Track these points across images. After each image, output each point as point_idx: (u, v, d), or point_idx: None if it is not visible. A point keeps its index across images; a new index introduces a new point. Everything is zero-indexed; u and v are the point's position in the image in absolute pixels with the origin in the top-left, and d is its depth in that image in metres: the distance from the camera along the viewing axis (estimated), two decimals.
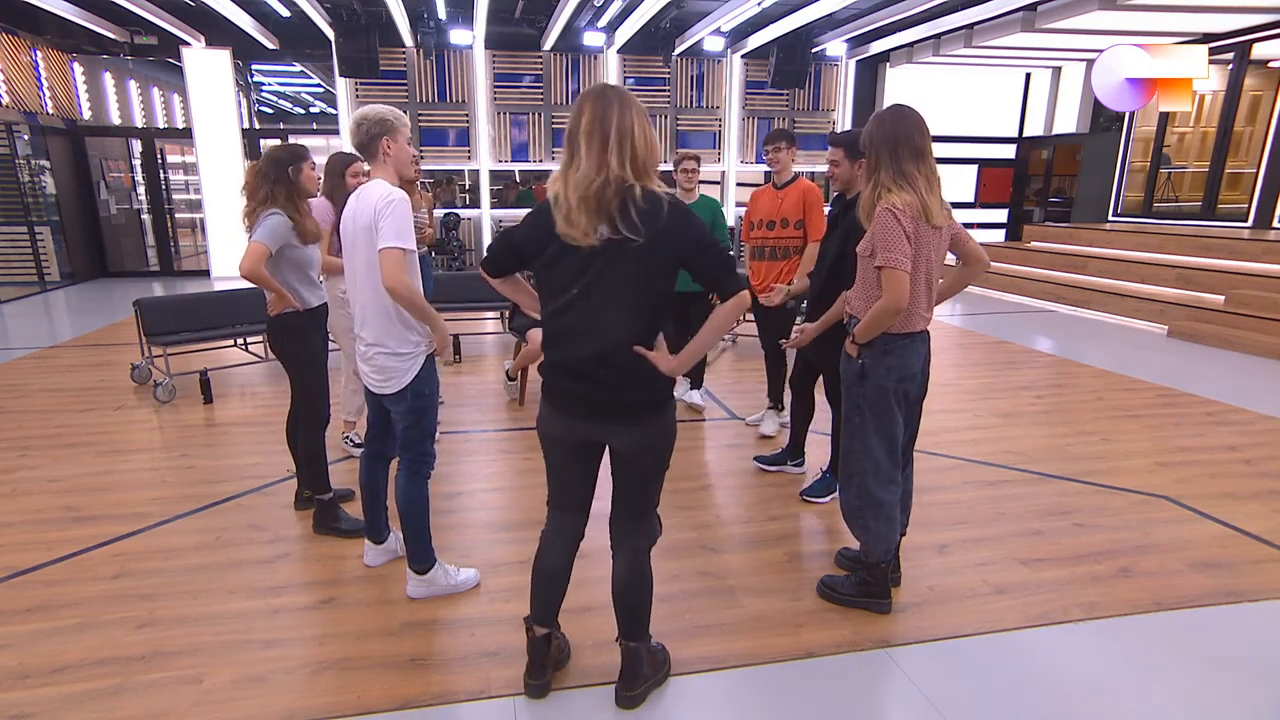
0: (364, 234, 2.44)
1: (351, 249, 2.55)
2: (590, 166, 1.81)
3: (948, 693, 2.24)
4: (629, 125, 1.82)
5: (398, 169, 2.56)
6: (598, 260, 1.85)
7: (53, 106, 10.20)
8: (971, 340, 7.31)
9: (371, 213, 2.40)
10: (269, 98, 18.02)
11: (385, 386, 2.57)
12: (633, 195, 1.81)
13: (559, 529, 2.18)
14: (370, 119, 2.50)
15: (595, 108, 1.83)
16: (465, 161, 11.47)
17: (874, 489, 2.55)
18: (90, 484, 3.76)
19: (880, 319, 2.40)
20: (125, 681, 2.27)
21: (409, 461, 2.64)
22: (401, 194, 2.44)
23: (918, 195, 2.37)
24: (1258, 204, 9.39)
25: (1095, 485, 3.78)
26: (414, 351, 2.56)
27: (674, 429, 2.06)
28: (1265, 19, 8.86)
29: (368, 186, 2.49)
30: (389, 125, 2.51)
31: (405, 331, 2.53)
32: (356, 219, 2.49)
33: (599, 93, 1.86)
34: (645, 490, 2.10)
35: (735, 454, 4.25)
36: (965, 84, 12.37)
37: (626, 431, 1.99)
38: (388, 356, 2.53)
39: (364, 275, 2.50)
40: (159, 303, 5.42)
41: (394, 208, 2.37)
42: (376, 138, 2.50)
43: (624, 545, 2.13)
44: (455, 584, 2.76)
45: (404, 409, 2.59)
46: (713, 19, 9.63)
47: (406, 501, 2.65)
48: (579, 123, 1.84)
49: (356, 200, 2.52)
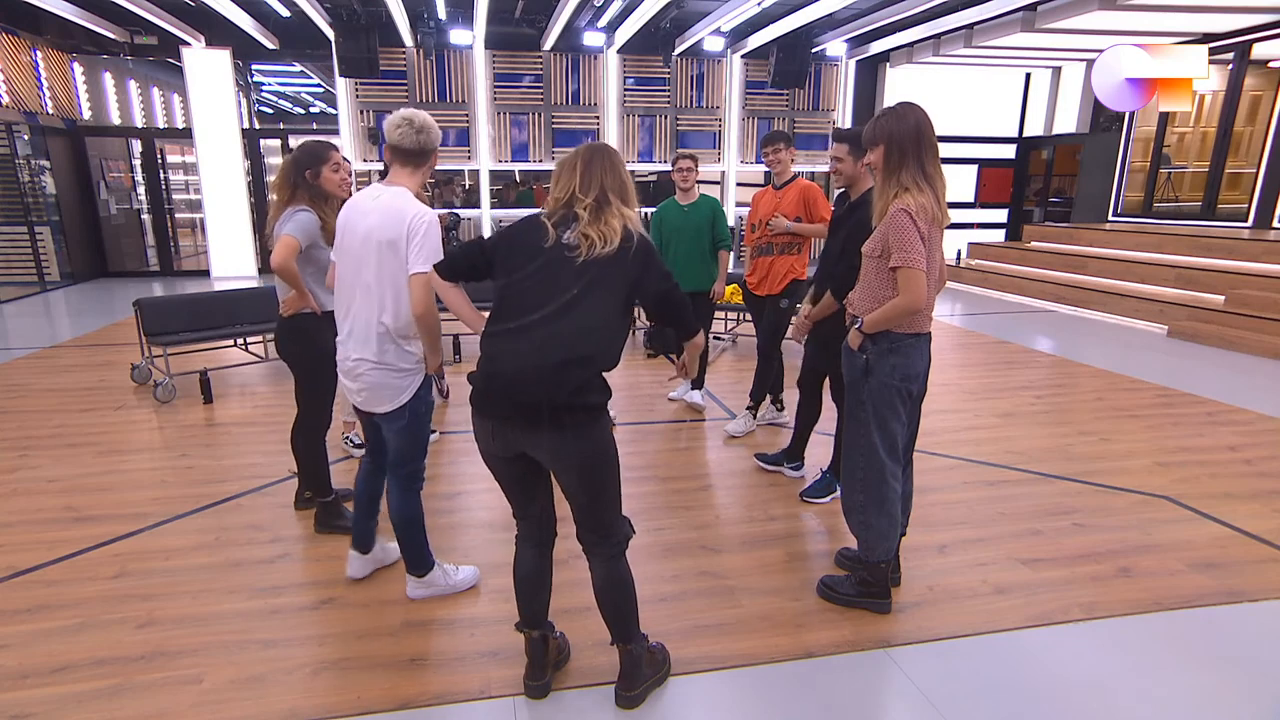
0: (388, 249, 2.31)
1: (363, 258, 2.38)
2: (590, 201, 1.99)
3: (948, 693, 2.24)
4: (616, 174, 2.03)
5: (421, 184, 2.51)
6: (572, 271, 1.91)
7: (53, 106, 10.20)
8: (971, 340, 7.31)
9: (402, 229, 2.28)
10: (269, 98, 18.02)
11: (378, 405, 2.47)
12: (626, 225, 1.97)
13: (526, 536, 2.19)
14: (430, 131, 2.46)
15: (585, 170, 2.02)
16: (465, 161, 11.47)
17: (876, 486, 2.54)
18: (90, 484, 3.76)
19: (895, 316, 2.39)
20: (125, 681, 2.27)
21: (403, 478, 2.59)
22: (434, 214, 2.35)
23: (934, 196, 2.36)
24: (1258, 204, 9.39)
25: (1095, 485, 3.78)
26: (416, 368, 2.49)
27: (608, 438, 2.00)
28: (1265, 19, 8.87)
29: (395, 196, 2.35)
30: (439, 141, 2.52)
31: (409, 349, 2.46)
32: (373, 231, 2.33)
33: (586, 155, 2.04)
34: (595, 508, 2.04)
35: (735, 454, 4.25)
36: (965, 84, 12.38)
37: (553, 441, 1.93)
38: (387, 373, 2.43)
39: (377, 288, 2.37)
40: (159, 303, 5.42)
41: (429, 228, 2.27)
42: (431, 152, 2.48)
43: (592, 555, 2.12)
44: (454, 583, 2.75)
45: (400, 427, 2.50)
46: (713, 19, 9.63)
47: (404, 517, 2.61)
48: (573, 178, 2.01)
49: (378, 208, 2.35)
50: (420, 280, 2.29)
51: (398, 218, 2.30)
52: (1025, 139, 13.02)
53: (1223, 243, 8.46)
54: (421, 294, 2.29)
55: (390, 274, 2.35)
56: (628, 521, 2.14)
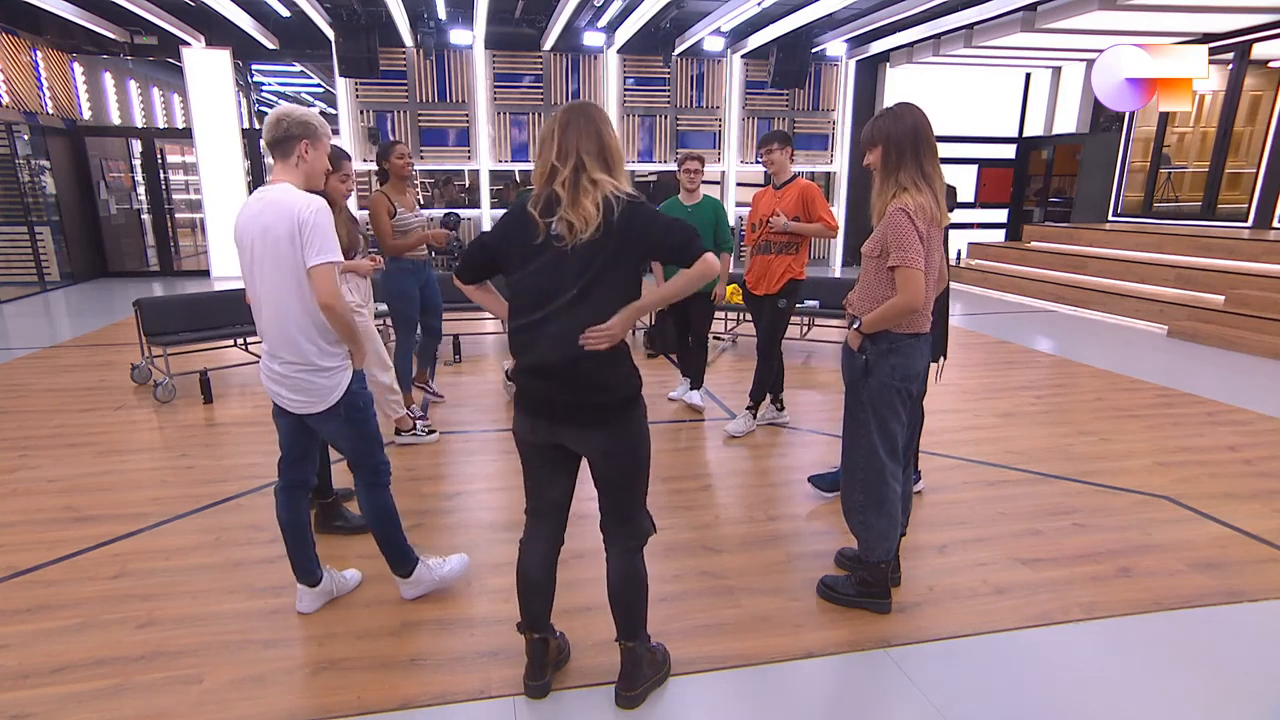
0: (284, 244, 2.24)
1: (261, 258, 2.30)
2: (567, 173, 1.90)
3: (948, 693, 2.24)
4: (594, 137, 1.92)
5: (309, 176, 2.38)
6: (570, 265, 1.88)
7: (53, 106, 10.20)
8: (971, 340, 7.31)
9: (293, 223, 2.22)
10: (269, 98, 18.00)
11: (310, 406, 2.40)
12: (605, 195, 1.88)
13: (535, 535, 2.18)
14: (293, 119, 2.31)
15: (562, 137, 1.92)
16: (465, 161, 11.47)
17: (876, 486, 2.54)
18: (90, 484, 3.76)
19: (893, 316, 2.39)
20: (125, 681, 2.27)
21: (366, 476, 2.55)
22: (322, 201, 2.29)
23: (933, 196, 2.37)
24: (1258, 204, 9.39)
25: (1095, 485, 3.78)
26: (341, 365, 2.41)
27: (644, 430, 2.04)
28: (1265, 19, 8.87)
29: (280, 192, 2.28)
30: (311, 129, 2.33)
31: (331, 345, 2.37)
32: (269, 228, 2.25)
33: (563, 119, 1.94)
34: (626, 494, 2.07)
35: (735, 454, 4.25)
36: (965, 84, 12.38)
37: (594, 435, 1.98)
38: (311, 373, 2.36)
39: (280, 287, 2.30)
40: (159, 303, 5.42)
41: (317, 216, 2.22)
42: (295, 139, 2.31)
43: (614, 547, 2.13)
44: (442, 576, 2.72)
45: (338, 425, 2.44)
46: (713, 19, 9.63)
47: (374, 516, 2.58)
48: (551, 148, 1.93)
49: (264, 207, 2.28)
50: (320, 271, 2.24)
51: (286, 212, 2.23)
52: (1025, 139, 13.03)
53: (1223, 243, 8.46)
54: (324, 285, 2.25)
55: (291, 271, 2.28)
56: (650, 518, 2.15)
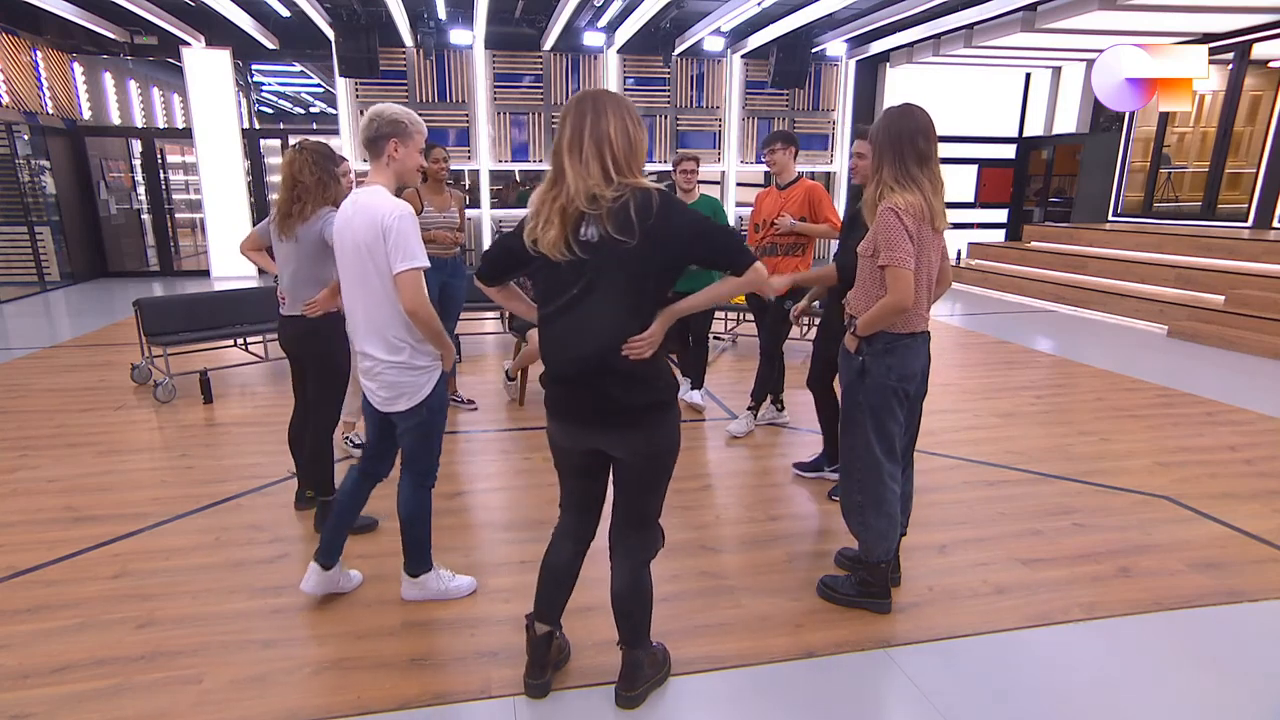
0: (373, 250, 2.30)
1: (352, 261, 2.39)
2: (576, 178, 1.81)
3: (948, 693, 2.24)
4: (605, 130, 1.81)
5: (400, 175, 2.44)
6: (590, 264, 1.84)
7: (53, 106, 10.19)
8: (971, 340, 7.31)
9: (378, 230, 2.27)
10: (269, 98, 18.02)
11: (396, 403, 2.46)
12: (621, 195, 1.80)
13: (567, 530, 2.19)
14: (383, 118, 2.36)
15: (574, 121, 1.84)
16: (465, 161, 11.47)
17: (874, 487, 2.54)
18: (90, 484, 3.76)
19: (885, 316, 2.40)
20: (125, 681, 2.27)
21: (416, 474, 2.59)
22: (407, 207, 2.32)
23: (922, 197, 2.37)
24: (1258, 204, 9.39)
25: (1095, 485, 3.78)
26: (432, 365, 2.48)
27: (677, 434, 2.02)
28: (1265, 19, 8.86)
29: (369, 195, 2.33)
30: (400, 128, 2.37)
31: (422, 346, 2.44)
32: (357, 234, 2.32)
33: (576, 104, 1.86)
34: (646, 500, 2.06)
35: (735, 454, 4.25)
36: (965, 84, 12.37)
37: (629, 437, 1.96)
38: (403, 371, 2.42)
39: (374, 289, 2.36)
40: (159, 303, 5.42)
41: (400, 223, 2.26)
42: (385, 138, 2.36)
43: (623, 556, 2.11)
44: (448, 589, 2.73)
45: (415, 424, 2.50)
46: (713, 19, 9.63)
47: (411, 513, 2.62)
48: (561, 138, 1.86)
49: (356, 211, 2.35)
50: (406, 279, 2.28)
51: (373, 218, 2.28)
52: (1025, 139, 13.02)
53: (1223, 243, 8.46)
54: (409, 292, 2.28)
55: (382, 275, 2.34)
56: (661, 531, 2.13)
